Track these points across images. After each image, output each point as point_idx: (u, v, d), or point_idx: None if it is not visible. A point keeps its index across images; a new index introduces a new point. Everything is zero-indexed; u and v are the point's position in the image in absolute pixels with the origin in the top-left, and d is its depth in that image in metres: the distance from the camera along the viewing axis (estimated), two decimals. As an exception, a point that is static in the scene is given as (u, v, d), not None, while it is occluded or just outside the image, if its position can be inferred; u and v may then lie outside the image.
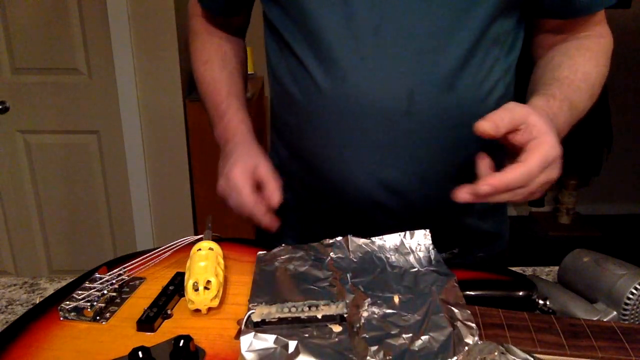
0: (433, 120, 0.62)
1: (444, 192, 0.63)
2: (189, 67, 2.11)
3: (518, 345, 0.43)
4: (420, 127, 0.62)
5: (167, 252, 0.61)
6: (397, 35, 0.59)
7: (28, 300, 0.65)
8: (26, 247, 2.12)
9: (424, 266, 0.56)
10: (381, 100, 0.61)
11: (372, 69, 0.60)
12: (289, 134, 0.72)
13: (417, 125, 0.61)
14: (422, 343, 0.44)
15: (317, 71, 0.63)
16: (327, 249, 0.59)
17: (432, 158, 0.64)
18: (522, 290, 0.55)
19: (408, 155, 0.63)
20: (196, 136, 1.98)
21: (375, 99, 0.61)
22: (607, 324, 0.49)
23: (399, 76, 0.60)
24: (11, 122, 1.96)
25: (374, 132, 0.62)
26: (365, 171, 0.64)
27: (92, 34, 1.88)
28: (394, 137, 0.62)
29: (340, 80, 0.62)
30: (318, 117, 0.65)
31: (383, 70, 0.60)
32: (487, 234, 0.77)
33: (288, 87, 0.68)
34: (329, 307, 0.47)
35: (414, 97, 0.60)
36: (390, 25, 0.59)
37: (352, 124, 0.63)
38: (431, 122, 0.62)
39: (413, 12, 0.59)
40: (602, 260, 0.58)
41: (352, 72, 0.61)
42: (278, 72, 0.70)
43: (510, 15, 0.64)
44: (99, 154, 2.03)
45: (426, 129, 0.62)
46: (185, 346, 0.44)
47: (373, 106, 0.61)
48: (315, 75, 0.63)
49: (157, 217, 2.10)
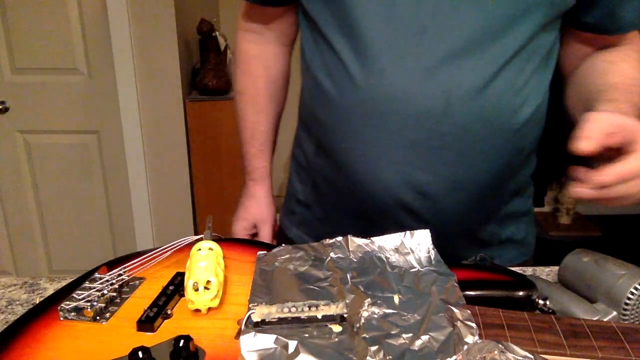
0: (468, 124, 0.61)
1: (473, 198, 0.65)
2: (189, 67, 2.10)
3: (518, 345, 0.43)
4: (454, 131, 0.61)
5: (167, 252, 0.61)
6: (441, 37, 0.59)
7: (28, 300, 0.65)
8: (26, 247, 2.12)
9: (424, 266, 0.56)
10: (418, 99, 0.60)
11: (412, 68, 0.60)
12: (318, 128, 0.71)
13: (452, 129, 0.61)
14: (422, 343, 0.44)
15: (354, 66, 0.62)
16: (327, 249, 0.59)
17: (464, 163, 0.63)
18: (522, 290, 0.55)
19: (440, 158, 0.62)
20: (196, 136, 1.98)
21: (412, 98, 0.60)
22: (607, 324, 0.49)
23: (438, 77, 0.59)
24: (11, 122, 1.96)
25: (408, 132, 0.61)
26: (395, 170, 0.64)
27: (92, 34, 1.88)
28: (428, 138, 0.61)
29: (377, 77, 0.61)
30: (351, 112, 0.64)
31: (422, 70, 0.59)
32: (511, 242, 0.76)
33: (321, 81, 0.67)
34: (329, 307, 0.47)
35: (450, 99, 0.59)
36: (434, 26, 0.59)
37: (385, 121, 0.62)
38: (466, 126, 0.61)
39: (460, 15, 0.58)
40: (602, 260, 0.58)
41: (390, 69, 0.60)
42: (312, 65, 0.69)
43: (553, 28, 0.64)
44: (99, 154, 2.03)
45: (460, 133, 0.61)
46: (185, 346, 0.44)
47: (409, 105, 0.60)
48: (352, 69, 0.62)
49: (157, 217, 2.10)
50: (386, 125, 0.62)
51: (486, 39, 0.59)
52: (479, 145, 0.62)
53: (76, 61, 1.91)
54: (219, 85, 1.95)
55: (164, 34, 1.86)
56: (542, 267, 0.73)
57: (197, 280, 0.52)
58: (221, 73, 1.97)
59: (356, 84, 0.62)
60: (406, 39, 0.59)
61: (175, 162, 2.03)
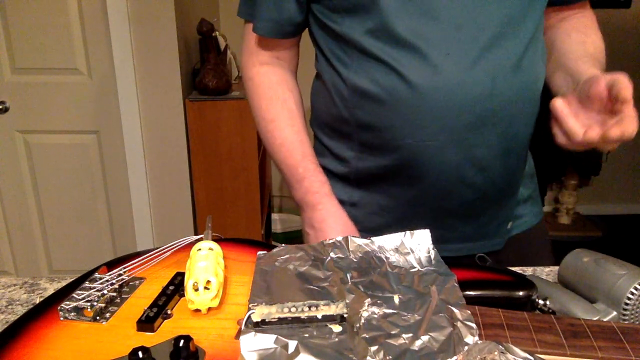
0: (511, 97, 0.70)
1: (516, 160, 0.77)
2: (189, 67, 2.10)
3: (518, 345, 0.43)
4: (502, 106, 0.70)
5: (167, 252, 0.61)
6: (476, 30, 0.68)
7: (28, 300, 0.65)
8: (26, 247, 2.12)
9: (424, 266, 0.56)
10: (468, 86, 0.68)
11: (458, 61, 0.68)
12: (364, 134, 0.76)
13: (499, 105, 0.70)
14: (422, 343, 0.44)
15: (407, 70, 0.69)
16: (327, 249, 0.59)
17: (511, 132, 0.73)
18: (522, 290, 0.55)
19: (493, 132, 0.71)
20: (196, 136, 1.98)
21: (463, 86, 0.68)
22: (607, 324, 0.49)
23: (481, 64, 0.68)
24: (11, 122, 1.96)
25: (464, 116, 0.69)
26: (456, 152, 0.71)
27: (92, 34, 1.88)
28: (481, 117, 0.70)
29: (430, 74, 0.68)
30: (408, 110, 0.70)
31: (467, 61, 0.68)
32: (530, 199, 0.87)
33: (368, 90, 0.72)
34: (329, 307, 0.47)
35: (495, 80, 0.69)
36: (468, 23, 0.68)
37: (443, 111, 0.69)
38: (510, 99, 0.70)
39: (487, 10, 0.68)
40: (602, 260, 0.58)
41: (440, 67, 0.68)
42: (351, 79, 0.74)
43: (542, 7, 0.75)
44: (99, 154, 2.03)
45: (506, 108, 0.71)
46: (185, 346, 0.44)
47: (461, 93, 0.68)
48: (406, 74, 0.69)
49: (157, 217, 2.10)
50: (444, 115, 0.69)
51: (512, 24, 0.69)
52: (520, 113, 0.73)
53: (76, 61, 1.91)
54: (219, 85, 1.95)
55: (164, 34, 1.86)
56: (542, 267, 0.73)
57: (197, 280, 0.52)
58: (221, 73, 1.97)
59: (412, 85, 0.69)
60: (448, 39, 0.68)
61: (175, 162, 2.03)
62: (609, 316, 0.54)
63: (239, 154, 1.99)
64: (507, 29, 0.69)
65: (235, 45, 2.41)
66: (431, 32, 0.68)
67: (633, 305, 0.53)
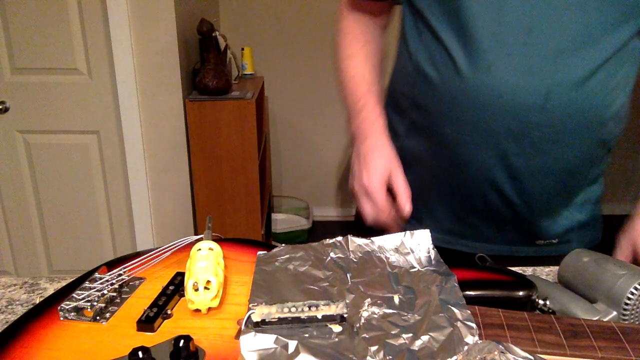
0: (563, 118, 0.67)
1: (557, 183, 0.73)
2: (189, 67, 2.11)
3: (518, 345, 0.43)
4: (551, 123, 0.67)
5: (167, 252, 0.61)
6: (546, 37, 0.64)
7: (28, 300, 0.65)
8: (26, 247, 2.12)
9: (424, 266, 0.56)
10: (520, 94, 0.66)
11: (517, 65, 0.65)
12: (416, 111, 0.77)
13: (549, 121, 0.67)
14: (422, 343, 0.44)
15: (462, 59, 0.68)
16: (327, 249, 0.59)
17: (555, 152, 0.70)
18: (522, 290, 0.55)
19: (535, 147, 0.69)
20: (196, 136, 1.98)
21: (515, 93, 0.66)
22: (607, 324, 0.49)
23: (540, 73, 0.65)
24: (11, 122, 1.96)
25: (508, 122, 0.68)
26: (491, 154, 0.70)
27: (92, 34, 1.88)
28: (526, 128, 0.68)
29: (484, 71, 0.67)
30: (455, 101, 0.70)
31: (527, 67, 0.65)
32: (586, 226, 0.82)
33: (426, 69, 0.73)
34: (329, 307, 0.47)
35: (550, 94, 0.65)
36: (541, 27, 0.64)
37: (488, 111, 0.68)
38: (561, 119, 0.67)
39: (564, 17, 0.64)
40: (602, 260, 0.58)
41: (497, 65, 0.66)
42: (416, 55, 0.75)
43: None
44: (99, 154, 2.03)
45: (556, 125, 0.67)
46: (185, 346, 0.44)
47: (512, 98, 0.66)
48: (460, 62, 0.68)
49: (157, 217, 2.10)
50: (488, 115, 0.68)
51: (586, 41, 0.64)
52: (570, 137, 0.69)
53: (76, 61, 1.91)
54: (219, 85, 1.95)
55: (164, 34, 1.86)
56: (542, 267, 0.73)
57: (197, 280, 0.52)
58: (221, 73, 1.97)
59: (463, 76, 0.68)
60: (514, 37, 0.65)
61: (175, 162, 2.03)
62: (609, 316, 0.54)
63: (239, 154, 1.99)
64: (579, 43, 0.64)
65: (235, 45, 2.41)
66: (497, 27, 0.66)
67: (633, 305, 0.53)
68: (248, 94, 2.01)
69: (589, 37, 0.64)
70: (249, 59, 2.47)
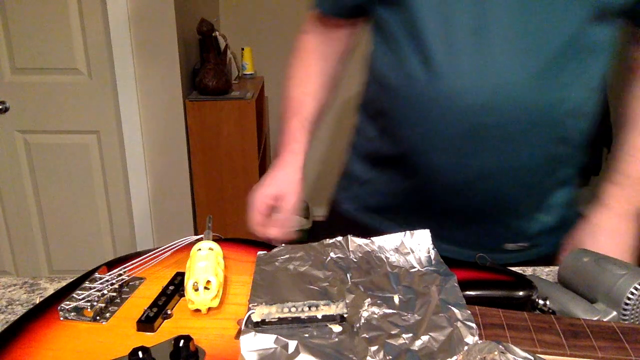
0: (514, 116, 0.66)
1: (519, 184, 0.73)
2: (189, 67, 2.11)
3: (518, 345, 0.43)
4: (502, 122, 0.67)
5: (167, 252, 0.61)
6: (493, 39, 0.65)
7: (28, 300, 0.65)
8: (26, 247, 2.12)
9: (424, 266, 0.56)
10: (468, 96, 0.66)
11: (466, 67, 0.66)
12: (382, 118, 0.79)
13: (500, 121, 0.67)
14: (422, 343, 0.44)
15: (416, 64, 0.69)
16: (327, 249, 0.59)
17: (508, 151, 0.69)
18: (522, 290, 0.55)
19: (487, 147, 0.69)
20: (196, 136, 1.98)
21: (465, 94, 0.67)
22: (607, 324, 0.49)
23: (488, 74, 0.65)
24: (11, 122, 1.96)
25: (460, 123, 0.68)
26: (447, 156, 0.71)
27: (92, 34, 1.88)
28: (476, 129, 0.68)
29: (435, 74, 0.68)
30: (413, 105, 0.71)
31: (474, 68, 0.66)
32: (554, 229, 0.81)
33: (387, 76, 0.75)
34: (329, 307, 0.47)
35: (498, 94, 0.65)
36: (487, 30, 0.64)
37: (441, 113, 0.69)
38: (512, 118, 0.67)
39: (510, 18, 0.64)
40: (602, 260, 0.58)
41: (446, 68, 0.67)
42: (379, 63, 0.77)
43: (607, 25, 0.66)
44: (99, 154, 2.03)
45: (508, 125, 0.67)
46: (185, 346, 0.44)
47: (460, 100, 0.67)
48: (414, 68, 0.70)
49: (157, 217, 2.10)
50: (442, 117, 0.69)
51: (534, 37, 0.64)
52: (523, 136, 0.68)
53: (76, 61, 1.91)
54: (219, 85, 1.95)
55: (164, 34, 1.86)
56: (542, 267, 0.73)
57: (197, 280, 0.52)
58: (221, 73, 1.97)
59: (417, 80, 0.70)
60: (461, 42, 0.66)
61: (175, 162, 2.03)
62: (609, 316, 0.54)
63: (239, 154, 1.99)
64: (525, 41, 0.64)
65: (235, 45, 2.41)
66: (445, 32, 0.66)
67: (633, 305, 0.53)
68: (248, 94, 2.01)
69: (535, 34, 0.64)
70: (249, 59, 2.47)
